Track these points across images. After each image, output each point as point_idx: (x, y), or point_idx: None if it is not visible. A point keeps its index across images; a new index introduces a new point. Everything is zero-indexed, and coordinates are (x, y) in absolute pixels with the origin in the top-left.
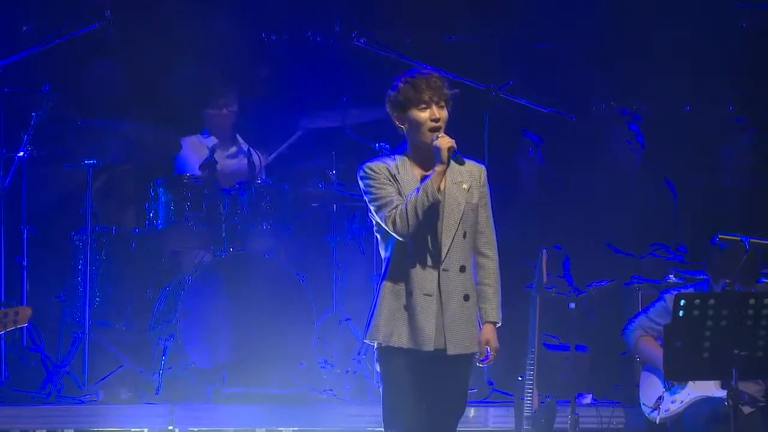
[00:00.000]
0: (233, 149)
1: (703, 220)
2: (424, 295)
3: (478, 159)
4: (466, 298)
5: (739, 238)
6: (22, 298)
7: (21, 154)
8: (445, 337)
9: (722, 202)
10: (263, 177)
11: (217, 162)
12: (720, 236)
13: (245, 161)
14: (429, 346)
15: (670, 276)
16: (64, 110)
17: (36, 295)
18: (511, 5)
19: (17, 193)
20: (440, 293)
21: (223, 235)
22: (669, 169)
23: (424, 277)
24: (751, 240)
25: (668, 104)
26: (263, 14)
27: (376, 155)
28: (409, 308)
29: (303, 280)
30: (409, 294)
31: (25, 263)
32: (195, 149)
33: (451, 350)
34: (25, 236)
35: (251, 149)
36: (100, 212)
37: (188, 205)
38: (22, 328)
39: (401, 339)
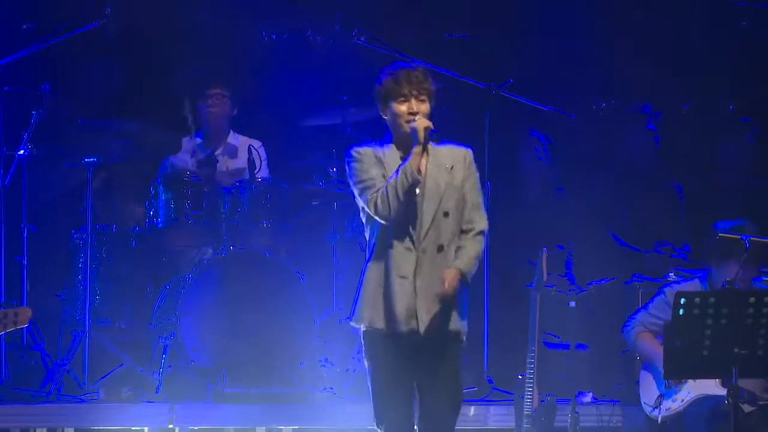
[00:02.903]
0: (219, 150)
1: (703, 219)
2: (400, 277)
3: (478, 156)
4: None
5: (740, 237)
6: (22, 297)
7: (21, 152)
8: (420, 318)
9: (723, 201)
10: (264, 174)
11: (217, 160)
12: (720, 235)
13: (230, 161)
14: (403, 327)
15: (671, 275)
16: (65, 108)
17: (36, 294)
18: (511, 4)
19: (17, 192)
20: (416, 274)
21: (224, 233)
22: (669, 168)
23: (402, 259)
24: (751, 238)
25: (668, 103)
26: (264, 13)
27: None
28: (386, 290)
29: (303, 279)
30: (387, 276)
31: (25, 262)
32: (185, 149)
33: (424, 330)
34: (25, 235)
35: (252, 146)
36: (100, 210)
37: (188, 204)
38: (22, 327)
39: (380, 321)
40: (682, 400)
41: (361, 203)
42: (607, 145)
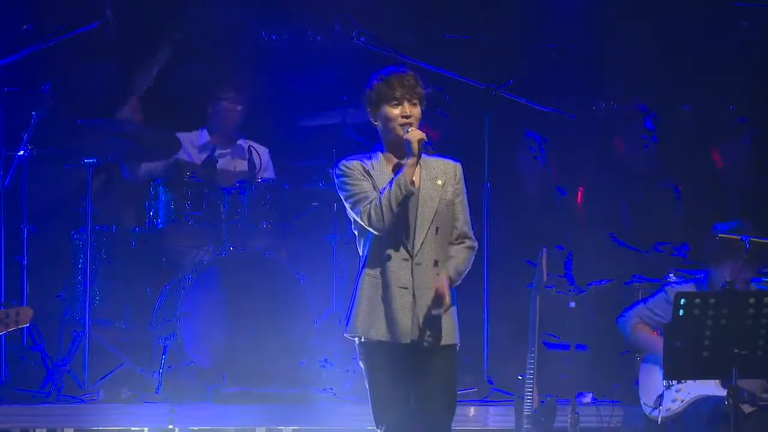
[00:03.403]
0: (227, 149)
1: (703, 219)
2: (400, 287)
3: (478, 156)
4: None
5: (739, 237)
6: (22, 297)
7: (21, 153)
8: (420, 330)
9: (722, 202)
10: (265, 175)
11: (217, 160)
12: (720, 236)
13: (239, 162)
14: (405, 339)
15: (670, 275)
16: (65, 109)
17: (36, 294)
18: (511, 4)
19: (17, 192)
20: (414, 286)
21: (224, 234)
22: (669, 168)
23: (399, 271)
24: (751, 239)
25: (668, 104)
26: (263, 13)
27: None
28: (386, 301)
29: (303, 279)
30: (386, 287)
31: (25, 262)
32: (187, 146)
33: (426, 342)
34: (25, 235)
35: (252, 147)
36: (99, 211)
37: (188, 204)
38: (22, 327)
39: (379, 332)
40: (682, 401)
41: (353, 216)
42: (607, 145)
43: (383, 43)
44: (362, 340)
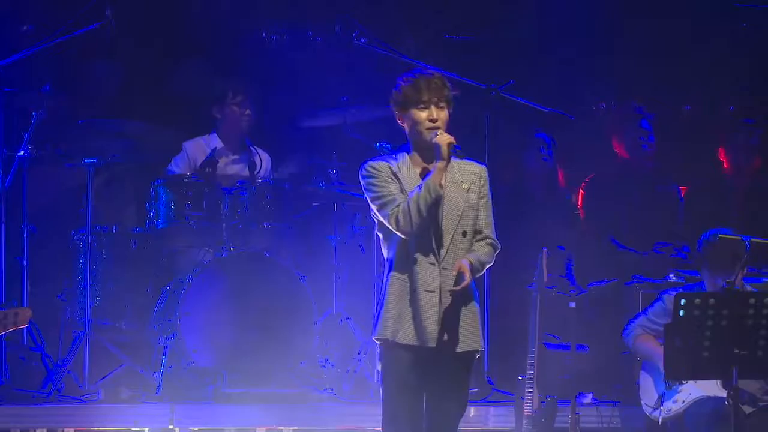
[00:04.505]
0: (238, 155)
1: (703, 220)
2: (427, 291)
3: (479, 157)
4: (466, 295)
5: (740, 238)
6: (22, 298)
7: (21, 153)
8: (445, 334)
9: (724, 202)
10: (265, 176)
11: (217, 161)
12: (721, 236)
13: (247, 166)
14: (432, 343)
15: (671, 276)
16: (65, 109)
17: (36, 295)
18: (511, 4)
19: (18, 193)
20: (441, 291)
21: (224, 234)
22: (669, 169)
23: (426, 275)
24: (751, 239)
25: (668, 104)
26: (264, 13)
27: (376, 154)
28: (413, 305)
29: (303, 280)
30: (413, 291)
31: (25, 262)
32: (200, 151)
33: (452, 346)
34: (25, 235)
35: (254, 148)
36: (100, 211)
37: (189, 204)
38: (21, 328)
39: (407, 336)
40: (683, 402)
41: (379, 218)
42: (607, 146)
43: (383, 44)
44: (390, 342)
